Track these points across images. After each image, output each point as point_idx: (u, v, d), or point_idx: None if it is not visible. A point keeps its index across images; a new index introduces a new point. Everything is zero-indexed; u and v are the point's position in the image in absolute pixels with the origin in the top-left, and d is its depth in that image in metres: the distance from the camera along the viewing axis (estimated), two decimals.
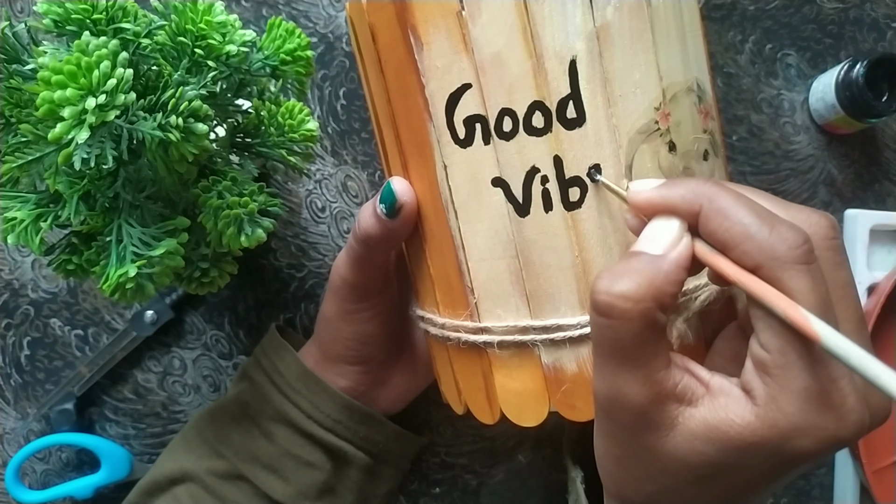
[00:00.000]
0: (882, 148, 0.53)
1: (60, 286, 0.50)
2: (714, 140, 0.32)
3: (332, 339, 0.40)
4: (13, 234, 0.32)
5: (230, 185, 0.34)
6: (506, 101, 0.29)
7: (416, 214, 0.33)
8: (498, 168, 0.30)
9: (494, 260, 0.31)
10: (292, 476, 0.40)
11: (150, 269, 0.32)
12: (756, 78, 0.52)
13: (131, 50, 0.31)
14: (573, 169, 0.29)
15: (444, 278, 0.33)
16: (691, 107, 0.30)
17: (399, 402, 0.44)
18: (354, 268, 0.37)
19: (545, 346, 0.31)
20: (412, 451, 0.45)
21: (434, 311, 0.34)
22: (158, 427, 0.50)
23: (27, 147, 0.31)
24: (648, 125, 0.29)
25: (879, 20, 0.53)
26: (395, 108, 0.32)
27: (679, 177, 0.29)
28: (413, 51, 0.30)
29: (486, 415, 0.33)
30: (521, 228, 0.30)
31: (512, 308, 0.31)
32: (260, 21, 0.50)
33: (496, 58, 0.28)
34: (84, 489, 0.47)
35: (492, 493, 0.50)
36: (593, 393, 0.26)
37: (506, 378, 0.32)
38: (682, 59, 0.30)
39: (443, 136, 0.30)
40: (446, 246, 0.32)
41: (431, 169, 0.31)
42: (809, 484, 0.51)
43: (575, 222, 0.29)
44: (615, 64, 0.28)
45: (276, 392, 0.41)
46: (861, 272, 0.51)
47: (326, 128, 0.50)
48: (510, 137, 0.29)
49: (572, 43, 0.28)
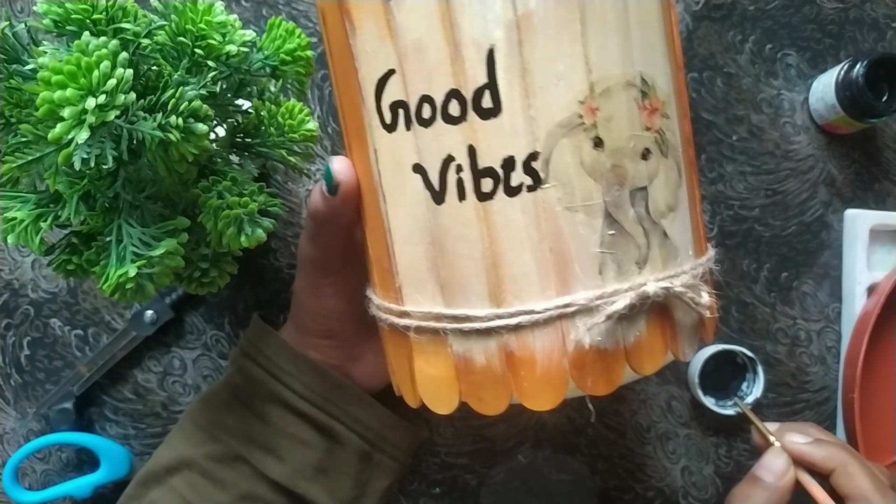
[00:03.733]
0: (882, 148, 0.53)
1: (60, 286, 0.50)
2: (662, 139, 0.30)
3: (302, 313, 0.42)
4: (13, 234, 0.32)
5: (230, 185, 0.34)
6: (425, 87, 0.28)
7: (355, 193, 0.34)
8: (417, 154, 0.29)
9: (414, 245, 0.31)
10: (288, 455, 0.41)
11: (150, 269, 0.32)
12: (756, 78, 0.52)
13: (131, 50, 0.31)
14: (487, 159, 0.28)
15: (378, 260, 0.33)
16: (629, 102, 0.29)
17: (375, 381, 0.44)
18: (312, 243, 0.39)
19: (455, 336, 0.30)
20: (410, 442, 0.45)
21: (374, 291, 0.35)
22: (158, 427, 0.50)
23: (27, 147, 0.31)
24: (571, 119, 0.28)
25: (879, 20, 0.53)
26: (340, 90, 0.33)
27: (607, 175, 0.29)
28: (348, 35, 0.30)
29: (411, 398, 0.34)
30: (436, 216, 0.30)
31: (428, 294, 0.31)
32: (260, 21, 0.50)
33: (417, 44, 0.28)
34: (83, 488, 0.47)
35: (492, 493, 0.50)
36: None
37: (423, 363, 0.32)
38: (622, 52, 0.29)
39: (373, 119, 0.30)
40: (379, 228, 0.32)
41: (366, 152, 0.31)
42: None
43: (487, 213, 0.29)
44: (536, 54, 0.27)
45: (266, 375, 0.42)
46: (861, 272, 0.51)
47: (326, 128, 0.50)
48: (429, 124, 0.29)
49: (491, 31, 0.27)
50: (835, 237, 0.52)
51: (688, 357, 0.32)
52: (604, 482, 0.51)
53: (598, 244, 0.29)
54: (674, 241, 0.31)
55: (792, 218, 0.52)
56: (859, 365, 0.48)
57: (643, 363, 0.30)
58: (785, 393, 0.52)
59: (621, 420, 0.51)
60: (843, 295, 0.52)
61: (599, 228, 0.29)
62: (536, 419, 0.51)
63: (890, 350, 0.51)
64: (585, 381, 0.29)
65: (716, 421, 0.51)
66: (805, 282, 0.52)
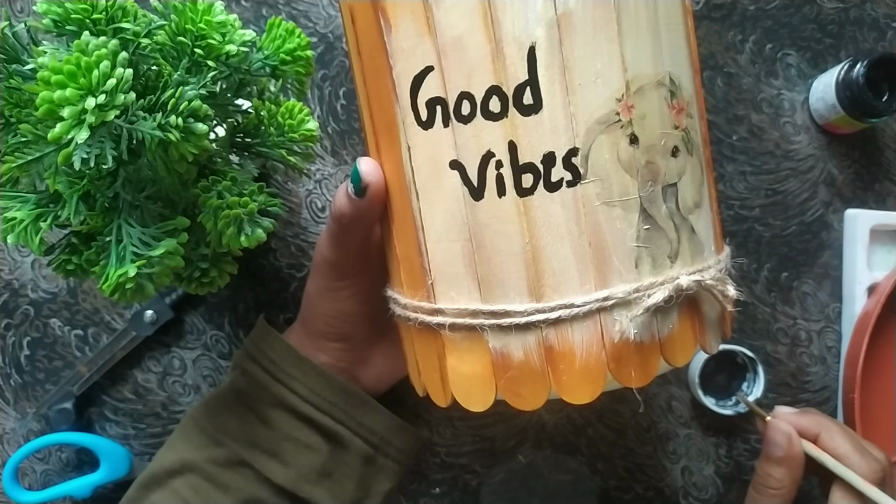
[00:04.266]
0: (882, 148, 0.53)
1: (60, 286, 0.50)
2: (688, 138, 0.31)
3: (314, 316, 0.42)
4: (13, 234, 0.32)
5: (230, 185, 0.34)
6: (465, 84, 0.29)
7: (383, 194, 0.33)
8: (455, 151, 0.30)
9: (450, 242, 0.31)
10: (292, 459, 0.41)
11: (149, 269, 0.32)
12: (756, 78, 0.52)
13: (131, 50, 0.31)
14: (527, 155, 0.29)
15: (407, 259, 0.33)
16: (660, 101, 0.30)
17: (381, 384, 0.44)
18: (332, 246, 0.38)
19: (493, 332, 0.31)
20: (413, 445, 0.45)
21: (400, 291, 0.34)
22: (158, 427, 0.50)
23: (27, 147, 0.31)
24: (608, 116, 0.29)
25: (879, 20, 0.53)
26: (369, 89, 0.33)
27: (641, 171, 0.29)
28: (383, 32, 0.30)
29: (440, 397, 0.34)
30: (474, 212, 0.30)
31: (464, 291, 0.31)
32: (260, 21, 0.50)
33: (457, 41, 0.29)
34: (83, 488, 0.47)
35: (492, 493, 0.50)
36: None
37: (457, 361, 0.32)
38: (653, 53, 0.30)
39: (407, 117, 0.31)
40: (409, 227, 0.32)
41: (398, 150, 0.31)
42: (810, 484, 0.51)
43: (527, 209, 0.29)
44: (576, 52, 0.28)
45: (271, 379, 0.42)
46: (861, 272, 0.51)
47: (326, 128, 0.50)
48: (468, 121, 0.29)
49: (532, 29, 0.28)
50: (835, 237, 0.52)
51: (714, 349, 0.33)
52: (604, 482, 0.51)
53: (634, 238, 0.29)
54: (700, 236, 0.32)
55: (792, 218, 0.52)
56: (859, 365, 0.48)
57: (676, 355, 0.31)
58: (785, 393, 0.52)
59: (621, 420, 0.51)
60: (844, 295, 0.52)
61: (636, 223, 0.29)
62: (536, 419, 0.51)
63: (890, 350, 0.51)
64: (623, 373, 0.30)
65: (716, 421, 0.51)
66: (805, 282, 0.52)
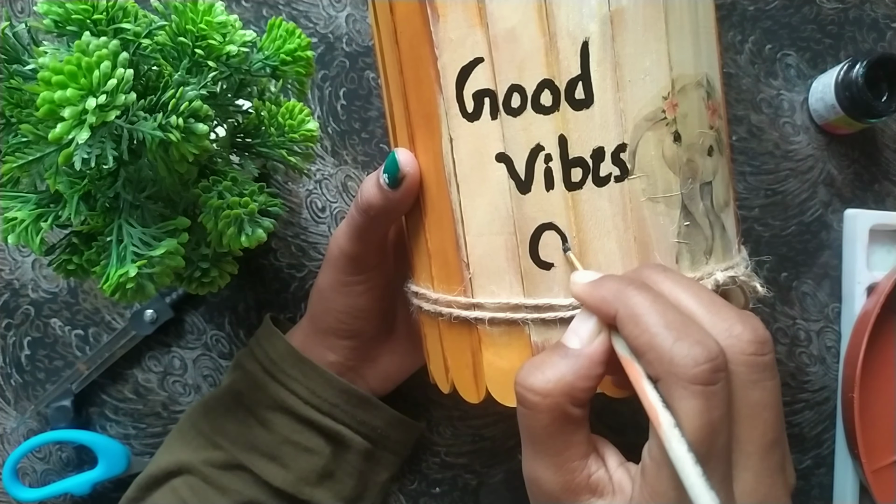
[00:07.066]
0: (882, 148, 0.53)
1: (61, 286, 0.50)
2: (720, 138, 0.32)
3: (324, 311, 0.41)
4: (13, 234, 0.32)
5: (230, 185, 0.34)
6: (516, 77, 0.29)
7: (417, 186, 0.33)
8: (503, 143, 0.30)
9: (492, 235, 0.31)
10: (292, 462, 0.41)
11: (150, 269, 0.32)
12: (756, 78, 0.52)
13: (132, 50, 0.31)
14: (577, 149, 0.29)
15: (440, 252, 0.33)
16: (699, 101, 0.30)
17: (388, 383, 0.44)
18: (353, 238, 0.37)
19: (535, 326, 0.31)
20: (411, 437, 0.45)
21: (429, 285, 0.34)
22: (158, 427, 0.50)
23: (27, 147, 0.31)
24: (655, 113, 0.29)
25: (879, 20, 0.53)
26: (406, 78, 0.32)
27: (683, 168, 0.30)
28: (429, 22, 0.30)
29: (472, 393, 0.34)
30: (520, 205, 0.30)
31: (506, 285, 0.31)
32: (260, 21, 0.50)
33: (510, 33, 0.29)
34: (81, 485, 0.47)
35: (492, 493, 0.50)
36: None
37: (494, 356, 0.32)
38: (694, 53, 0.30)
39: (451, 108, 0.30)
40: (445, 219, 0.32)
41: (437, 141, 0.31)
42: (809, 484, 0.51)
43: (575, 203, 0.29)
44: (627, 49, 0.28)
45: (270, 380, 0.41)
46: (861, 272, 0.51)
47: (326, 128, 0.50)
48: (517, 114, 0.29)
49: (586, 24, 0.28)
50: (834, 237, 0.52)
51: None
52: None
53: (675, 234, 0.30)
54: (728, 234, 0.32)
55: (791, 218, 0.52)
56: (859, 365, 0.48)
57: None
58: (784, 393, 0.52)
59: (621, 420, 0.51)
60: (843, 295, 0.52)
61: (677, 219, 0.30)
62: None
63: (890, 350, 0.51)
64: None
65: None
66: (805, 282, 0.52)
